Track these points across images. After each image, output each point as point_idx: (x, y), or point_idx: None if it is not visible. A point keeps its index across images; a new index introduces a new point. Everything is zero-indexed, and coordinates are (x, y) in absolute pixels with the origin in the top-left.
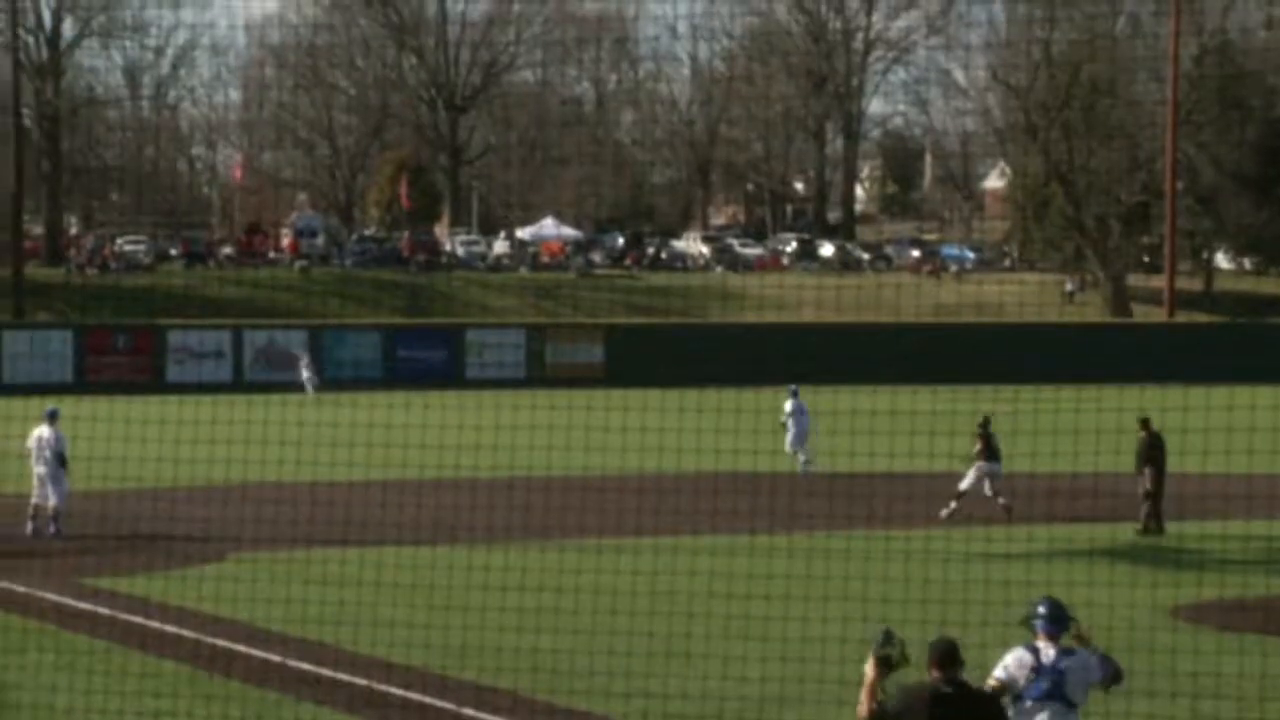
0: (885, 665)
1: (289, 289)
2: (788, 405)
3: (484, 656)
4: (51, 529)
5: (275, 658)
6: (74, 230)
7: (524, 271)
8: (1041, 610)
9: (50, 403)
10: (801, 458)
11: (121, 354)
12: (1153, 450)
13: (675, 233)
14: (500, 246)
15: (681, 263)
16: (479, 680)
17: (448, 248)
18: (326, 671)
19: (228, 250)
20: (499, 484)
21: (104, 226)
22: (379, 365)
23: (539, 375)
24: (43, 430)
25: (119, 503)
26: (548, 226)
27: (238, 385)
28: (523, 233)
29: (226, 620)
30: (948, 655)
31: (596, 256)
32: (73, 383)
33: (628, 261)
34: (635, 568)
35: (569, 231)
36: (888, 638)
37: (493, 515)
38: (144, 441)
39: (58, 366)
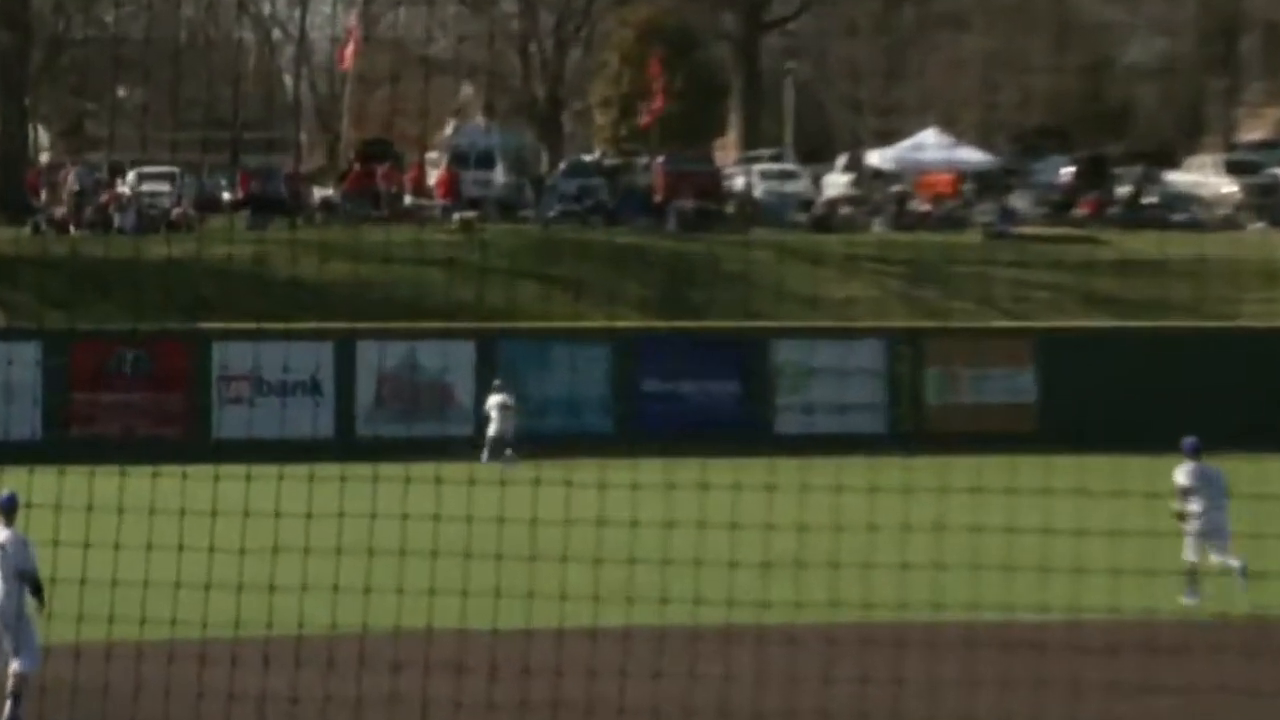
0: None
1: (441, 263)
2: (1181, 474)
3: None
4: (8, 713)
5: None
6: (48, 156)
7: (880, 229)
8: None
9: (5, 482)
10: (1236, 567)
11: (133, 384)
12: None
13: (1172, 157)
14: (836, 183)
15: (1186, 212)
16: None
17: (738, 185)
18: None
19: (327, 192)
20: (843, 639)
21: (103, 149)
22: (608, 408)
23: (913, 426)
24: None
25: (128, 665)
26: (927, 145)
27: (346, 443)
28: (879, 157)
29: None
30: None
31: (1020, 202)
32: (44, 439)
33: (1081, 210)
34: None
35: (967, 154)
36: None
37: (829, 693)
38: (178, 551)
39: (19, 409)
